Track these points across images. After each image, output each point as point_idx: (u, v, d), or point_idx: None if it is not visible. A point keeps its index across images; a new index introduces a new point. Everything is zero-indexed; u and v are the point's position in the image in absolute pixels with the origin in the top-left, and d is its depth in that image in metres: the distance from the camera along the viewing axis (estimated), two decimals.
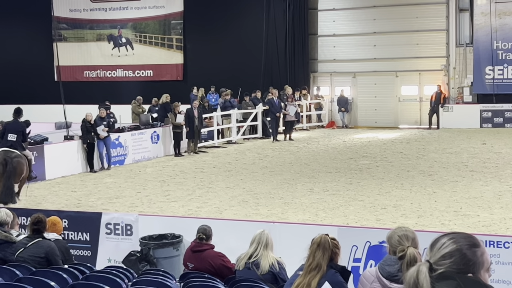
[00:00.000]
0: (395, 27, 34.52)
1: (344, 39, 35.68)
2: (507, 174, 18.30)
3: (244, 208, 14.89)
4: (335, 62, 36.01)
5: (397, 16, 34.40)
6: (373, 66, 35.19)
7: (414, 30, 34.20)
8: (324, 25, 36.20)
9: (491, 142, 25.75)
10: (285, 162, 22.11)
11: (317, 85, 36.33)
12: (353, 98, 35.48)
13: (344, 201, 15.23)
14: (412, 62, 34.31)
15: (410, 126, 33.84)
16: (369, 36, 35.19)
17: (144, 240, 10.58)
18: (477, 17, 32.93)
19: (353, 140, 28.07)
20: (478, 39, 32.94)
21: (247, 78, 34.37)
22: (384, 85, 34.96)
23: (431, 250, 3.27)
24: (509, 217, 13.20)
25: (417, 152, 23.75)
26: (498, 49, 32.55)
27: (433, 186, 16.80)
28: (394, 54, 34.57)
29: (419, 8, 34.05)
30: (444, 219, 13.21)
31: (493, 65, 32.52)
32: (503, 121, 31.75)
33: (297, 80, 35.01)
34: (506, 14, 32.47)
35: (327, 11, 36.08)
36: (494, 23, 32.39)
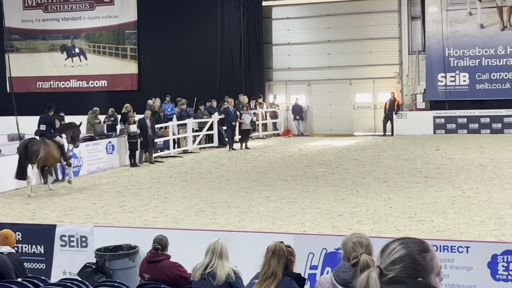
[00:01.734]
0: (348, 35, 34.84)
1: (298, 47, 35.88)
2: (460, 180, 18.55)
3: (200, 217, 14.84)
4: (290, 70, 36.18)
5: (351, 24, 34.72)
6: (328, 74, 35.44)
7: (367, 38, 34.55)
8: (278, 34, 36.37)
9: (445, 148, 26.09)
10: (241, 171, 22.11)
11: (273, 93, 36.47)
12: (308, 106, 35.68)
13: (301, 209, 15.27)
14: (366, 70, 34.64)
15: (364, 133, 34.13)
16: (323, 44, 35.44)
17: (100, 252, 10.47)
18: (428, 24, 33.38)
19: (309, 148, 28.20)
20: (430, 47, 33.38)
21: (203, 87, 34.33)
22: (338, 93, 35.22)
23: (382, 255, 3.29)
24: (462, 222, 13.37)
25: (372, 159, 23.95)
26: (450, 56, 33.02)
27: (388, 192, 16.95)
28: (348, 62, 34.88)
29: (372, 17, 34.42)
30: (399, 225, 13.33)
31: (445, 72, 32.98)
32: (456, 127, 32.20)
33: (252, 89, 35.08)
34: (457, 22, 32.97)
35: (281, 20, 36.27)
36: (445, 31, 32.87)
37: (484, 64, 32.60)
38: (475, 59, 32.74)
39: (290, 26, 36.10)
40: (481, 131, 31.75)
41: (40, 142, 19.76)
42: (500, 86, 32.37)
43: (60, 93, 38.55)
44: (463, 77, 32.89)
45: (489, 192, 16.50)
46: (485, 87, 32.52)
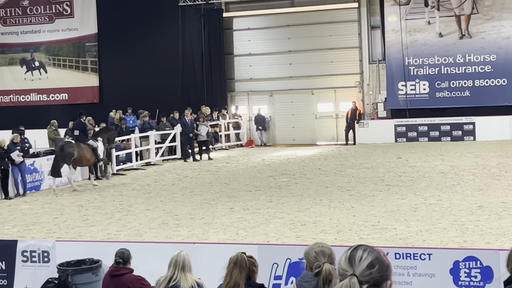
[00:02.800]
0: (309, 45, 35.02)
1: (260, 58, 35.98)
2: (422, 187, 18.72)
3: (164, 230, 14.77)
4: (252, 81, 36.26)
5: (311, 34, 34.91)
6: (290, 84, 35.57)
7: (328, 48, 34.77)
8: (240, 44, 36.44)
9: (406, 156, 26.32)
10: (205, 182, 22.07)
11: (235, 104, 36.50)
12: (270, 116, 35.77)
13: (265, 219, 15.27)
14: (327, 79, 34.84)
15: (327, 142, 34.29)
16: (285, 54, 35.58)
17: (62, 267, 10.35)
18: (388, 34, 33.72)
19: (272, 158, 28.24)
20: (390, 56, 33.71)
21: (165, 99, 34.21)
22: (300, 102, 35.36)
23: (351, 263, 3.36)
24: (425, 229, 13.48)
25: (335, 168, 24.07)
26: (410, 65, 33.37)
27: (351, 201, 17.03)
28: (309, 72, 35.05)
29: (332, 27, 34.66)
30: (362, 233, 13.39)
31: (405, 81, 33.31)
32: (417, 135, 32.51)
33: (214, 100, 35.07)
34: (416, 31, 33.35)
35: (242, 30, 36.35)
36: (405, 40, 33.22)
37: (444, 72, 33.00)
38: (435, 68, 33.12)
39: (252, 37, 36.20)
40: (442, 138, 32.11)
41: (74, 145, 22.49)
42: (460, 94, 32.77)
43: (21, 107, 38.19)
44: (423, 86, 33.25)
45: (451, 199, 16.67)
46: (445, 95, 32.91)
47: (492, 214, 14.48)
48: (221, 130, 33.43)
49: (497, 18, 32.35)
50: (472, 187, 18.35)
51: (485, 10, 32.51)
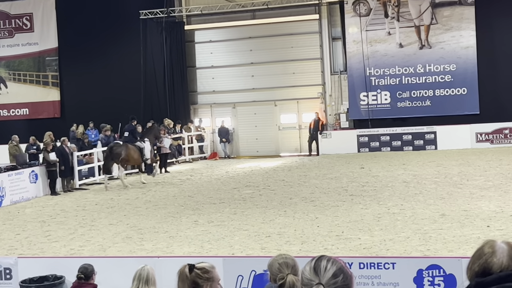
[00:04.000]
0: (271, 57, 35.15)
1: (222, 70, 36.02)
2: (385, 197, 18.85)
3: (128, 244, 14.66)
4: (215, 93, 36.26)
5: (273, 46, 35.06)
6: (252, 96, 35.65)
7: (290, 59, 34.93)
8: (202, 57, 36.45)
9: (369, 166, 26.49)
10: (168, 195, 21.97)
11: (198, 117, 36.45)
12: (234, 128, 35.78)
13: (229, 232, 15.25)
14: (290, 91, 34.98)
15: (290, 153, 34.39)
16: (247, 66, 35.67)
17: (25, 284, 10.23)
18: (349, 45, 33.97)
19: (236, 170, 28.23)
20: (351, 67, 33.96)
21: (127, 113, 33.99)
22: (263, 114, 35.44)
23: (317, 273, 3.40)
24: (388, 238, 13.56)
25: (299, 179, 24.14)
26: (371, 75, 33.64)
27: (315, 211, 17.08)
28: (272, 84, 35.16)
29: (293, 38, 34.84)
30: (327, 243, 13.43)
31: (367, 91, 33.58)
32: (379, 145, 32.76)
33: (177, 113, 35.00)
34: (376, 42, 33.65)
35: (204, 43, 36.38)
36: (366, 51, 33.50)
37: (404, 82, 33.32)
38: (396, 78, 33.44)
39: (213, 49, 36.23)
40: (404, 148, 32.39)
41: (122, 146, 25.32)
42: (421, 104, 33.12)
43: None
44: (384, 96, 33.54)
45: (413, 208, 16.80)
46: (406, 105, 33.22)
47: (455, 222, 14.62)
48: (185, 143, 33.35)
49: (456, 28, 32.78)
50: (434, 195, 18.52)
51: (444, 21, 32.93)
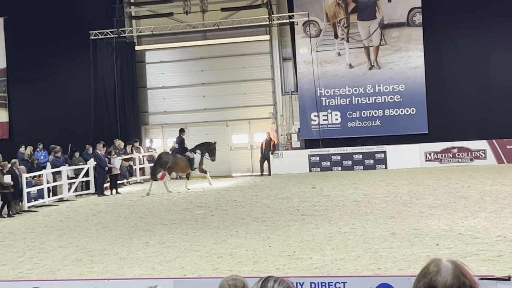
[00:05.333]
0: (223, 77, 35.25)
1: (173, 91, 35.98)
2: (336, 216, 18.95)
3: (78, 266, 14.47)
4: (166, 114, 36.17)
5: (224, 67, 35.16)
6: (204, 117, 35.65)
7: (241, 80, 35.07)
8: (153, 77, 36.37)
9: (320, 186, 26.63)
10: (119, 217, 21.77)
11: (149, 137, 36.28)
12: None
13: (181, 253, 15.16)
14: (241, 111, 35.07)
15: (242, 174, 34.42)
16: (198, 87, 35.69)
17: None
18: (300, 65, 34.23)
19: (187, 191, 28.13)
20: (302, 87, 34.19)
21: (77, 134, 33.75)
22: (215, 134, 35.39)
23: None
24: (340, 257, 13.62)
25: (251, 199, 24.15)
26: (322, 95, 33.91)
27: (267, 231, 17.09)
28: (223, 104, 35.22)
29: (245, 59, 34.99)
30: (278, 263, 13.43)
31: (317, 111, 33.82)
32: (330, 164, 32.97)
33: (128, 133, 34.80)
34: (327, 62, 33.98)
35: (155, 63, 36.33)
36: (316, 71, 33.78)
37: (355, 102, 33.67)
38: (346, 98, 33.76)
39: (165, 70, 36.19)
40: (355, 167, 32.66)
41: (169, 155, 28.93)
42: (371, 124, 33.47)
43: None
44: (335, 116, 33.83)
45: (364, 227, 16.91)
46: (356, 125, 33.54)
47: (404, 241, 14.76)
48: (136, 163, 33.14)
49: (404, 49, 33.28)
50: (384, 214, 18.68)
51: (393, 42, 33.42)
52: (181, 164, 28.72)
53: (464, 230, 15.35)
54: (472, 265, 11.48)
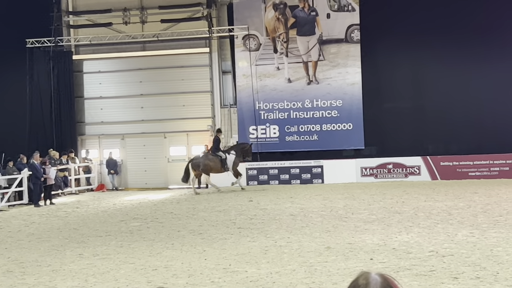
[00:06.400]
0: (161, 89, 35.10)
1: (111, 101, 35.66)
2: (272, 230, 18.98)
3: (9, 278, 14.15)
4: (103, 124, 35.80)
5: (163, 78, 35.03)
6: (142, 128, 35.41)
7: (180, 92, 34.97)
8: (90, 87, 35.99)
9: (257, 199, 26.68)
10: (53, 228, 21.41)
11: (85, 148, 35.85)
12: (122, 160, 35.38)
13: (115, 265, 14.96)
14: (180, 123, 34.96)
15: (180, 186, 34.24)
16: (136, 98, 35.46)
17: None
18: (239, 79, 34.33)
19: (123, 203, 27.85)
20: (241, 100, 34.29)
21: (11, 143, 33.12)
22: (153, 146, 35.25)
23: None
24: (275, 271, 13.64)
25: (187, 211, 24.03)
26: (260, 109, 34.06)
27: (203, 244, 17.01)
28: (161, 116, 35.06)
29: (184, 71, 34.93)
30: (214, 276, 13.38)
31: (256, 125, 33.95)
32: (268, 178, 33.10)
33: (64, 144, 34.33)
34: (266, 76, 34.16)
35: (93, 73, 35.97)
36: (255, 85, 33.93)
37: (293, 116, 33.91)
38: (284, 112, 33.97)
39: (102, 80, 35.86)
40: (292, 181, 32.84)
41: (200, 158, 30.33)
42: (308, 138, 33.74)
43: None
44: (273, 130, 34.00)
45: (300, 240, 16.97)
46: (294, 139, 33.77)
47: (339, 255, 14.86)
48: (71, 174, 32.69)
49: (342, 65, 33.70)
50: (320, 228, 18.79)
51: (331, 57, 33.80)
52: (212, 164, 30.08)
53: (398, 245, 15.54)
54: (404, 280, 11.64)
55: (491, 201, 22.90)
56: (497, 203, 22.22)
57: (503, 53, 32.47)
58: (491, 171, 32.01)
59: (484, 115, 32.65)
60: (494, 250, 13.82)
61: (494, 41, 32.43)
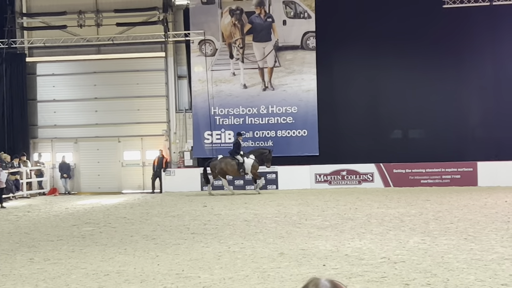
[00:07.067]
0: (116, 93, 34.87)
1: (65, 104, 35.31)
2: (226, 235, 18.96)
3: None
4: (56, 127, 35.43)
5: (118, 82, 34.82)
6: (95, 132, 35.12)
7: (135, 96, 34.78)
8: (43, 90, 35.59)
9: (212, 204, 26.63)
10: (3, 232, 21.09)
11: (38, 151, 35.42)
12: (75, 164, 35.04)
13: (66, 270, 14.79)
14: (134, 127, 34.76)
15: (133, 191, 34.07)
16: (91, 101, 35.17)
17: None
18: (195, 84, 34.26)
19: (76, 207, 27.57)
20: (196, 105, 34.22)
21: None
22: (107, 150, 34.99)
23: None
24: (228, 277, 13.62)
25: (141, 216, 23.88)
26: (216, 114, 34.03)
27: (156, 249, 16.91)
28: (116, 120, 34.82)
29: (139, 75, 34.75)
30: (166, 282, 13.31)
31: (211, 130, 33.91)
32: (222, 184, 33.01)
33: (16, 147, 33.89)
34: (221, 82, 34.15)
35: (47, 76, 35.59)
36: (211, 90, 33.91)
37: (248, 122, 33.95)
38: (240, 118, 34.00)
39: (56, 83, 35.49)
40: (246, 187, 32.85)
41: (217, 160, 30.78)
42: (263, 144, 33.80)
43: None
44: (228, 135, 34.00)
45: (253, 246, 16.98)
46: (249, 145, 33.78)
47: (292, 261, 14.90)
48: (23, 177, 32.25)
49: (298, 72, 33.86)
50: (274, 234, 18.83)
51: (287, 64, 33.94)
52: (229, 167, 30.47)
53: (350, 251, 15.64)
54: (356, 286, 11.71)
55: (442, 209, 23.20)
56: (448, 211, 22.52)
57: (456, 61, 32.96)
58: (443, 179, 32.43)
59: (437, 123, 33.08)
60: (444, 257, 14.00)
61: (448, 50, 32.90)
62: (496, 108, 32.82)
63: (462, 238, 16.58)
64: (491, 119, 32.91)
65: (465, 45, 32.91)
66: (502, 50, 32.84)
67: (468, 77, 33.07)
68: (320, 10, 33.58)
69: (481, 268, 12.72)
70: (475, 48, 32.92)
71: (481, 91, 33.06)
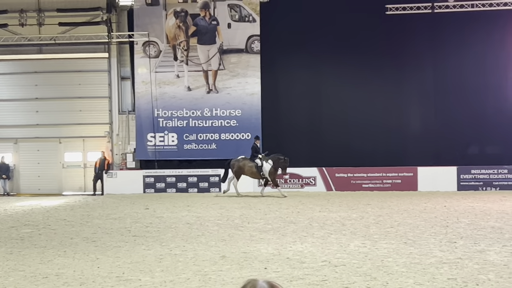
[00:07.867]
0: (58, 93, 34.44)
1: (4, 104, 34.75)
2: (168, 238, 18.86)
3: None
4: None
5: (60, 82, 34.40)
6: (36, 132, 34.62)
7: (77, 96, 34.40)
8: None
9: (154, 207, 26.47)
10: None
11: None
12: (15, 164, 34.49)
13: (4, 272, 14.53)
14: (76, 128, 34.38)
15: (74, 192, 33.68)
16: (31, 101, 34.66)
17: None
18: (138, 85, 34.04)
19: (15, 208, 27.11)
20: (140, 107, 34.00)
21: None
22: (47, 151, 34.53)
23: None
24: (169, 279, 13.55)
25: (81, 218, 23.60)
26: (159, 116, 33.85)
27: (96, 252, 16.73)
28: (57, 120, 34.38)
29: (81, 75, 34.39)
30: (106, 285, 13.17)
31: (154, 132, 33.72)
32: (165, 186, 32.90)
33: None
34: (165, 84, 34.00)
35: None
36: (154, 92, 33.72)
37: (192, 125, 33.86)
38: (183, 120, 33.89)
39: None
40: (189, 190, 32.76)
41: (236, 161, 30.55)
42: (207, 147, 33.75)
43: None
44: (171, 137, 33.85)
45: (195, 249, 16.93)
46: (192, 147, 33.72)
47: (234, 264, 14.90)
48: None
49: (242, 75, 33.91)
50: (216, 237, 18.80)
51: (231, 67, 33.97)
52: (248, 168, 30.44)
53: (292, 255, 15.71)
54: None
55: (383, 213, 23.48)
56: (388, 215, 22.80)
57: (397, 67, 33.43)
58: (384, 183, 32.82)
59: (378, 128, 33.48)
60: (384, 261, 14.17)
61: (389, 56, 33.34)
62: (436, 113, 33.37)
63: (402, 242, 16.81)
64: (431, 124, 33.46)
65: (407, 52, 33.41)
66: (442, 57, 33.43)
67: (409, 83, 33.57)
68: (265, 14, 33.72)
69: (419, 271, 12.91)
70: (416, 55, 33.45)
71: (421, 97, 33.58)
